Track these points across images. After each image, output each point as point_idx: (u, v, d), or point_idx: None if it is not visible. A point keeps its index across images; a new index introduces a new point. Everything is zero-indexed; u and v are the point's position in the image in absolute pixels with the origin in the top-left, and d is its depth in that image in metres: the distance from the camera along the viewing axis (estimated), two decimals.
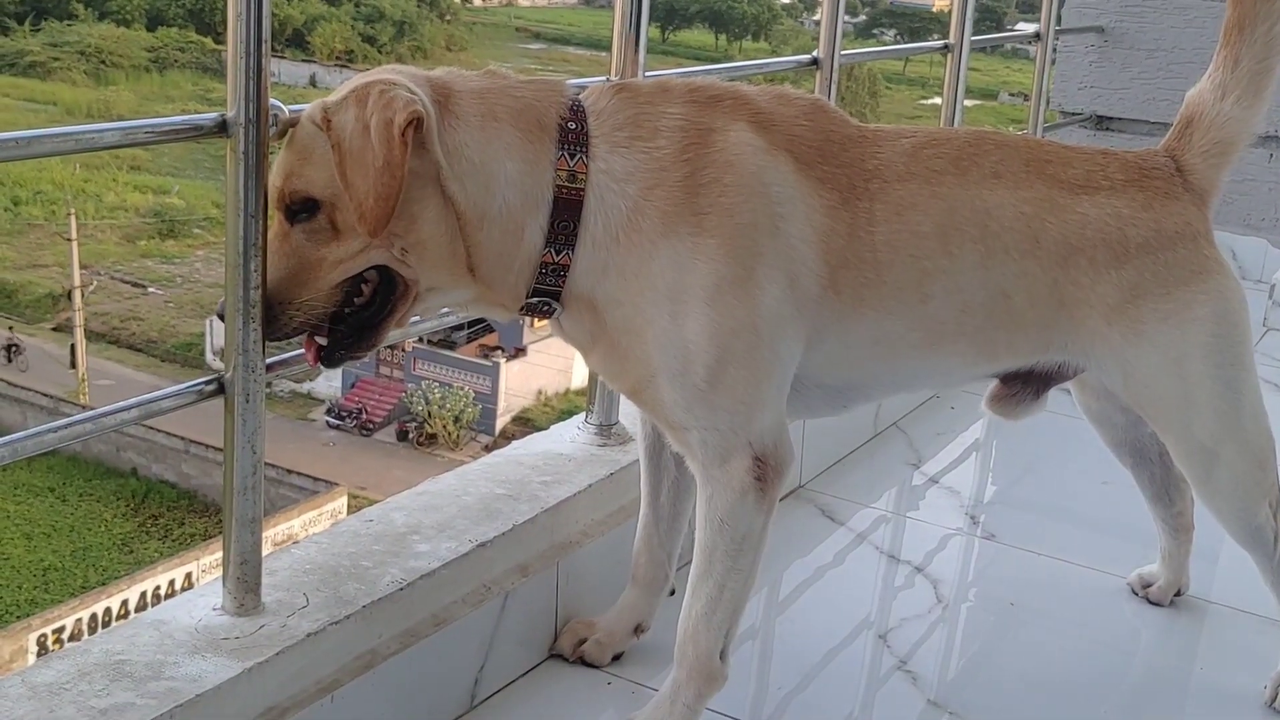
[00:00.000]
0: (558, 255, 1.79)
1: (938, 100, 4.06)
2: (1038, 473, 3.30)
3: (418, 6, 53.46)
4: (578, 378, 25.94)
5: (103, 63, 45.03)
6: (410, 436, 26.45)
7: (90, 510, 22.90)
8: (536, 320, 1.92)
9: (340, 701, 1.80)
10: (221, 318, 1.74)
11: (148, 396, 1.76)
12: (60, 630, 17.04)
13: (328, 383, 27.11)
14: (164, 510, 23.28)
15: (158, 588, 18.27)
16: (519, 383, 27.56)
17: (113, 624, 15.83)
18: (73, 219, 29.10)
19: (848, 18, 3.21)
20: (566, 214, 1.78)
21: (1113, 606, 2.56)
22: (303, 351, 1.83)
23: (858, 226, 1.89)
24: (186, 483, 23.64)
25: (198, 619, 1.78)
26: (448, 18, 56.56)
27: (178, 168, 38.42)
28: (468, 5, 62.33)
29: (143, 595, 18.09)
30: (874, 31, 56.00)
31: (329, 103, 1.74)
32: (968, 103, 4.09)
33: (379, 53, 48.22)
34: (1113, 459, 2.46)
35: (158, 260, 33.63)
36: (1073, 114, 5.44)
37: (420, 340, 23.81)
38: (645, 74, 2.33)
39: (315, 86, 43.09)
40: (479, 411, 26.54)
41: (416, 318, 1.92)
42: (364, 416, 26.96)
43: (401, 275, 1.78)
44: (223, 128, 1.68)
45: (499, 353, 27.61)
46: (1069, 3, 5.39)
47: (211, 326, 27.22)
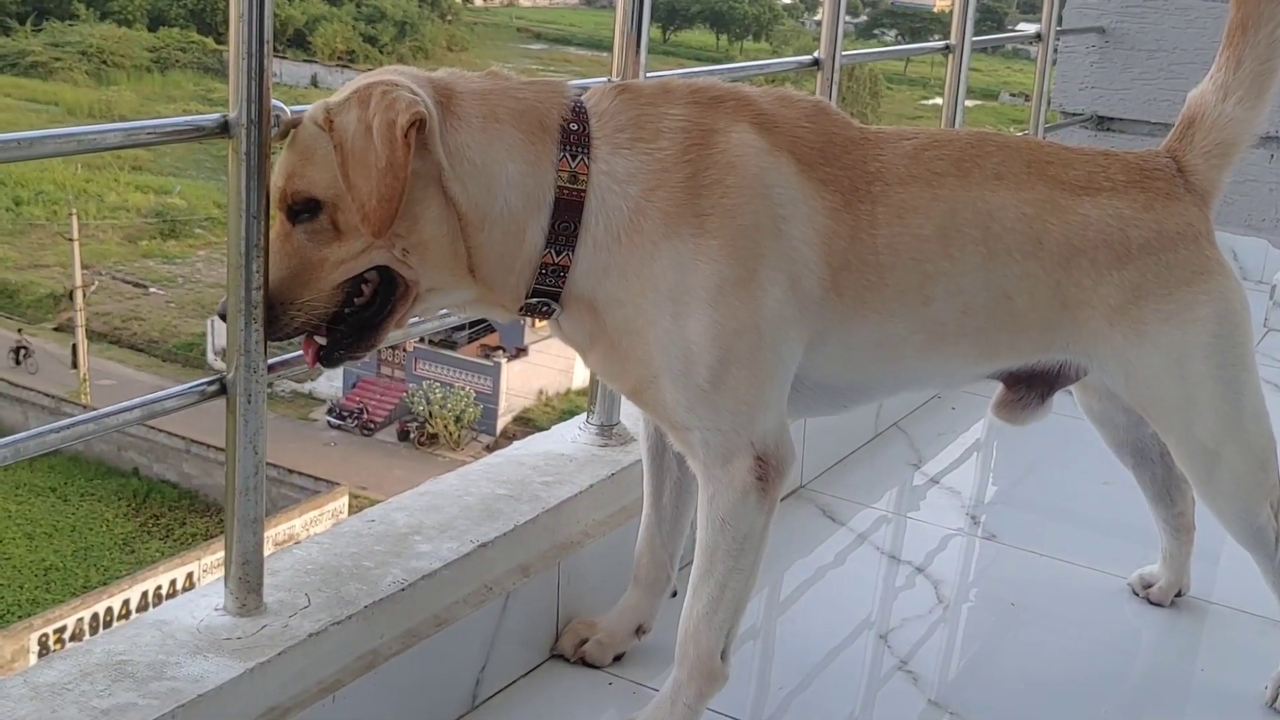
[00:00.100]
0: (558, 256, 1.79)
1: (939, 101, 4.06)
2: (1039, 473, 3.30)
3: (419, 7, 53.47)
4: (579, 378, 25.95)
5: (104, 63, 45.05)
6: (411, 436, 26.45)
7: (92, 510, 22.90)
8: (537, 321, 1.93)
9: (342, 702, 1.80)
10: (223, 318, 1.75)
11: (150, 397, 1.76)
12: (62, 630, 17.04)
13: (329, 383, 27.11)
14: (165, 510, 23.28)
15: (159, 587, 18.28)
16: (520, 383, 27.55)
17: (114, 624, 15.86)
18: (74, 219, 29.10)
19: (849, 18, 3.20)
20: (568, 215, 1.78)
21: (1114, 607, 2.56)
22: (303, 351, 1.84)
23: (860, 228, 1.89)
24: (188, 482, 23.64)
25: (200, 619, 1.79)
26: (449, 18, 56.57)
27: (179, 168, 38.44)
28: (469, 5, 62.34)
29: (144, 595, 18.10)
30: (875, 32, 56.02)
31: (331, 103, 1.74)
32: (969, 103, 4.09)
33: (380, 53, 48.24)
34: (1114, 459, 2.47)
35: (159, 260, 33.64)
36: (1074, 114, 5.43)
37: (421, 340, 23.79)
38: (647, 75, 2.33)
39: (317, 87, 43.12)
40: (480, 412, 26.53)
41: (417, 318, 1.92)
42: (365, 416, 26.96)
43: (402, 276, 1.78)
44: (225, 128, 1.68)
45: (500, 353, 27.60)
46: (1070, 3, 5.39)
47: (213, 327, 27.21)
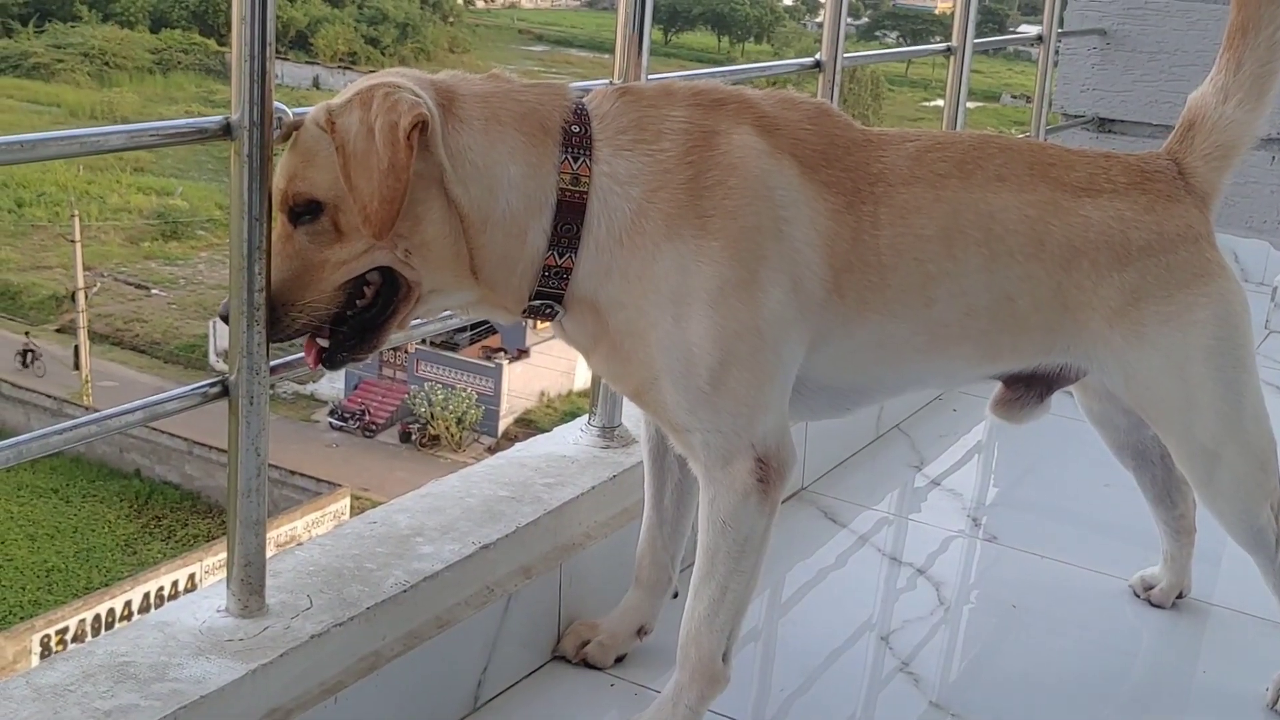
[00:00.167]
0: (560, 258, 1.80)
1: (940, 102, 4.06)
2: (1039, 475, 3.30)
3: (421, 9, 53.51)
4: (580, 379, 25.94)
5: (106, 64, 45.09)
6: (413, 438, 26.45)
7: (94, 511, 22.91)
8: (539, 322, 1.93)
9: (344, 703, 1.80)
10: (225, 319, 1.75)
11: (152, 399, 1.76)
12: (64, 631, 17.05)
13: (331, 384, 27.12)
14: (167, 511, 23.28)
15: (161, 589, 18.28)
16: (522, 384, 27.55)
17: (116, 625, 15.87)
18: (76, 221, 29.12)
19: (850, 20, 3.21)
20: (570, 217, 1.79)
21: (1114, 609, 2.56)
22: (305, 353, 1.84)
23: (862, 230, 1.89)
24: (190, 484, 23.65)
25: (202, 620, 1.79)
26: (451, 20, 56.62)
27: (181, 169, 38.47)
28: (471, 7, 62.38)
29: (146, 596, 18.11)
30: (876, 34, 56.04)
31: (333, 105, 1.74)
32: (970, 105, 4.09)
33: (382, 55, 48.29)
34: (1114, 461, 2.47)
35: (161, 262, 33.66)
36: (1075, 116, 5.43)
37: (423, 342, 23.72)
38: (649, 77, 2.34)
39: (318, 88, 43.17)
40: (482, 413, 26.53)
41: (418, 319, 1.93)
42: (367, 418, 26.96)
43: (404, 277, 1.78)
44: (227, 130, 1.69)
45: (502, 354, 27.60)
46: (1071, 5, 5.39)
47: (215, 328, 27.21)
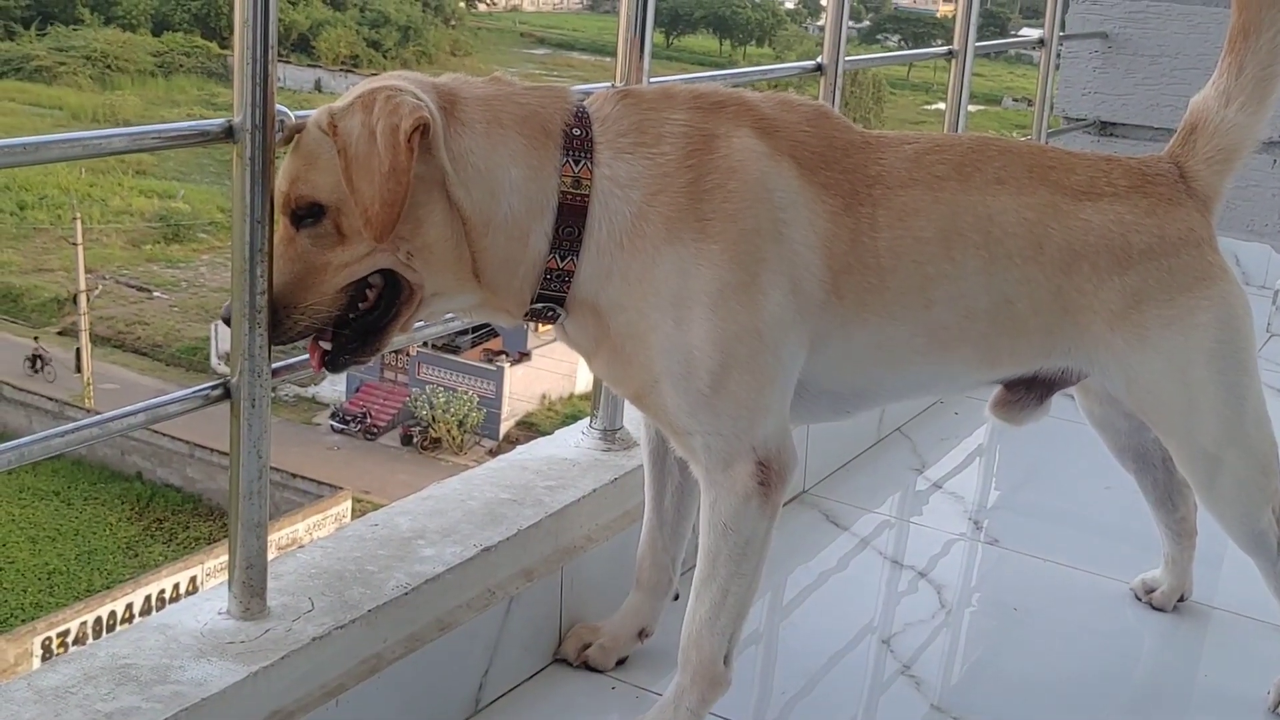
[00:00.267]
0: (562, 261, 1.80)
1: (942, 105, 4.07)
2: (1041, 478, 3.30)
3: (423, 12, 53.56)
4: (582, 382, 25.95)
5: (108, 67, 45.13)
6: (414, 441, 26.45)
7: (95, 514, 22.92)
8: (541, 325, 1.93)
9: (345, 705, 1.80)
10: (227, 322, 1.75)
11: (154, 401, 1.76)
12: (65, 634, 17.05)
13: (332, 387, 27.13)
14: (168, 514, 23.29)
15: (162, 591, 18.28)
16: (523, 387, 27.56)
17: (117, 628, 15.87)
18: (78, 223, 29.14)
19: (852, 23, 3.21)
20: (571, 220, 1.79)
21: (1116, 612, 2.56)
22: (308, 356, 1.84)
23: (861, 232, 1.89)
24: (191, 486, 23.66)
25: (203, 623, 1.79)
26: (452, 23, 56.67)
27: (183, 172, 38.50)
28: (472, 10, 62.42)
29: (147, 599, 18.10)
30: (878, 37, 56.06)
31: (335, 108, 1.74)
32: (971, 108, 4.09)
33: (384, 58, 48.32)
34: (1115, 464, 2.46)
35: (163, 265, 33.68)
36: (1076, 120, 5.43)
37: (424, 344, 23.80)
38: (650, 80, 2.34)
39: (320, 91, 43.20)
40: (483, 416, 26.53)
41: (421, 322, 1.93)
42: (368, 421, 26.97)
43: (406, 280, 1.78)
44: (229, 133, 1.69)
45: (503, 357, 27.61)
46: (1073, 9, 5.39)
47: (217, 331, 27.24)
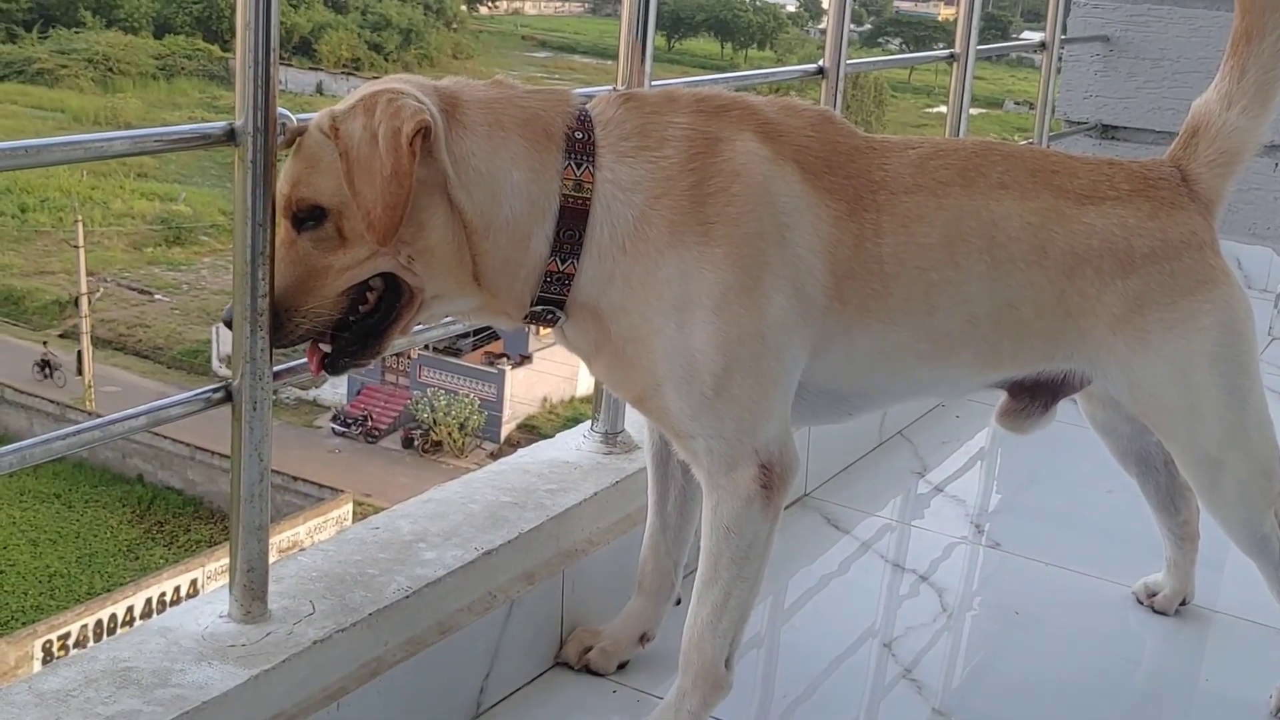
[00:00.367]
0: (563, 264, 1.80)
1: (943, 109, 4.06)
2: (1042, 481, 3.30)
3: (424, 15, 53.60)
4: (583, 385, 25.95)
5: (110, 70, 45.18)
6: (415, 444, 26.45)
7: (96, 516, 22.92)
8: (541, 328, 1.93)
9: (346, 709, 1.80)
10: (228, 325, 1.75)
11: (156, 404, 1.76)
12: (66, 637, 17.04)
13: (333, 390, 27.13)
14: (169, 517, 23.29)
15: (163, 594, 18.28)
16: (524, 390, 27.56)
17: (118, 631, 15.87)
18: (80, 226, 29.16)
19: (853, 26, 3.21)
20: (573, 223, 1.79)
21: (1118, 615, 2.56)
22: (308, 358, 1.84)
23: (864, 237, 1.89)
24: (192, 489, 23.66)
25: (204, 626, 1.79)
26: (454, 26, 56.70)
27: (185, 175, 38.53)
28: (474, 13, 62.45)
29: (148, 602, 18.10)
30: (879, 40, 56.08)
31: (337, 111, 1.74)
32: (973, 111, 4.09)
33: (385, 61, 48.37)
34: (1118, 468, 2.46)
35: (164, 267, 33.70)
36: (1078, 123, 5.43)
37: (425, 347, 23.81)
38: (652, 83, 2.34)
39: (322, 94, 43.26)
40: (484, 419, 26.53)
41: (421, 325, 1.93)
42: (369, 423, 26.97)
43: (407, 283, 1.78)
44: (231, 136, 1.69)
45: (504, 360, 27.62)
46: (1074, 12, 5.38)
47: (218, 333, 27.25)
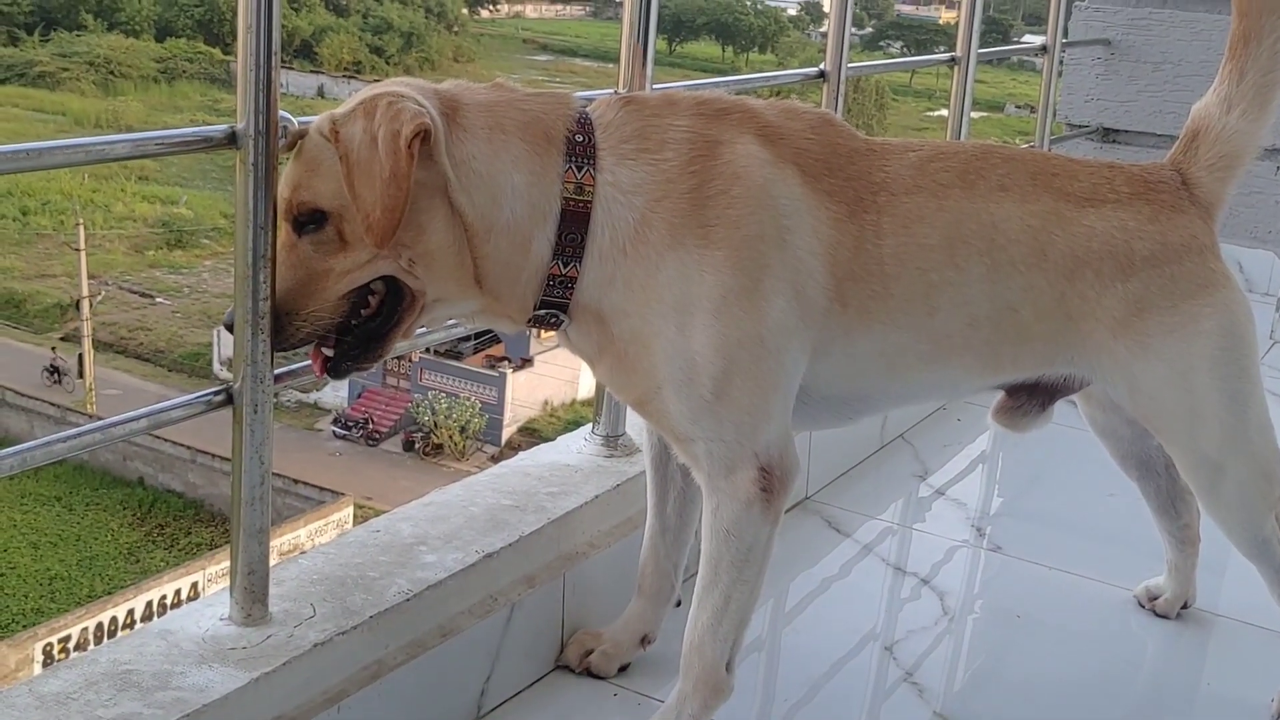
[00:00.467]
0: (565, 267, 1.80)
1: (944, 112, 4.07)
2: (1044, 485, 3.30)
3: (425, 18, 53.64)
4: (584, 388, 25.95)
5: (111, 73, 45.22)
6: (416, 447, 26.45)
7: (97, 519, 22.92)
8: (543, 331, 1.93)
9: (347, 712, 1.80)
10: (229, 328, 1.75)
11: (157, 407, 1.76)
12: (66, 639, 17.05)
13: (334, 393, 27.13)
14: (170, 519, 23.29)
15: (164, 597, 18.29)
16: (525, 393, 27.57)
17: (119, 633, 15.86)
18: (81, 229, 29.18)
19: (854, 30, 3.21)
20: (574, 226, 1.79)
21: (1119, 619, 2.56)
22: (310, 362, 1.84)
23: (864, 239, 1.89)
24: (193, 492, 23.67)
25: (205, 629, 1.79)
26: (455, 29, 56.74)
27: (186, 178, 38.55)
28: (475, 17, 62.48)
29: (149, 605, 18.11)
30: (881, 44, 56.13)
31: (337, 115, 1.74)
32: (974, 115, 4.09)
33: (387, 64, 48.40)
34: (1118, 471, 2.46)
35: (165, 270, 33.71)
36: (1079, 126, 5.43)
37: (427, 351, 23.83)
38: (652, 86, 2.34)
39: (323, 97, 43.29)
40: (485, 422, 26.54)
41: (423, 329, 1.93)
42: (370, 426, 26.97)
43: (408, 286, 1.78)
44: (232, 139, 1.69)
45: (505, 363, 27.62)
46: (1075, 16, 5.39)
47: (219, 337, 27.27)
